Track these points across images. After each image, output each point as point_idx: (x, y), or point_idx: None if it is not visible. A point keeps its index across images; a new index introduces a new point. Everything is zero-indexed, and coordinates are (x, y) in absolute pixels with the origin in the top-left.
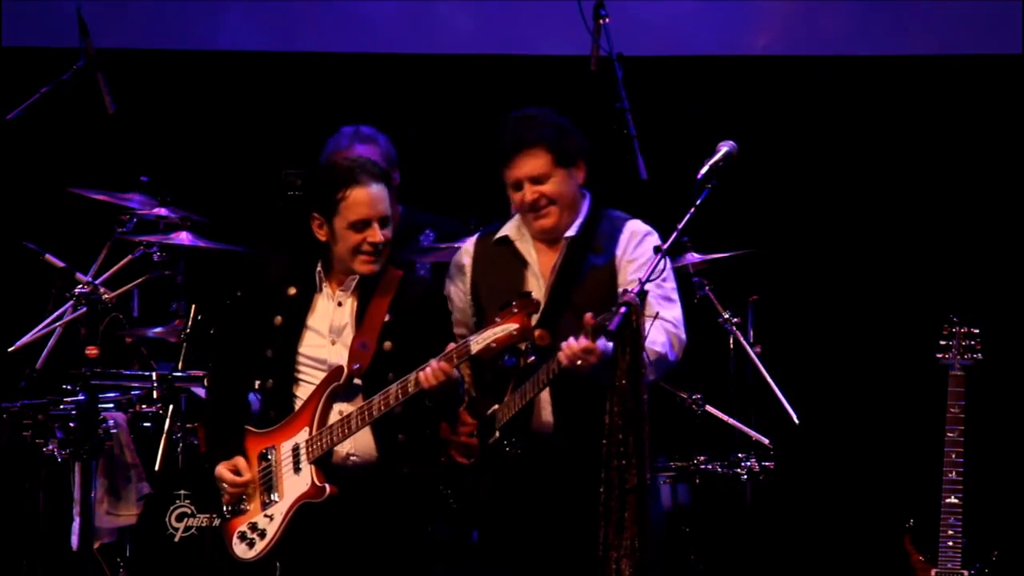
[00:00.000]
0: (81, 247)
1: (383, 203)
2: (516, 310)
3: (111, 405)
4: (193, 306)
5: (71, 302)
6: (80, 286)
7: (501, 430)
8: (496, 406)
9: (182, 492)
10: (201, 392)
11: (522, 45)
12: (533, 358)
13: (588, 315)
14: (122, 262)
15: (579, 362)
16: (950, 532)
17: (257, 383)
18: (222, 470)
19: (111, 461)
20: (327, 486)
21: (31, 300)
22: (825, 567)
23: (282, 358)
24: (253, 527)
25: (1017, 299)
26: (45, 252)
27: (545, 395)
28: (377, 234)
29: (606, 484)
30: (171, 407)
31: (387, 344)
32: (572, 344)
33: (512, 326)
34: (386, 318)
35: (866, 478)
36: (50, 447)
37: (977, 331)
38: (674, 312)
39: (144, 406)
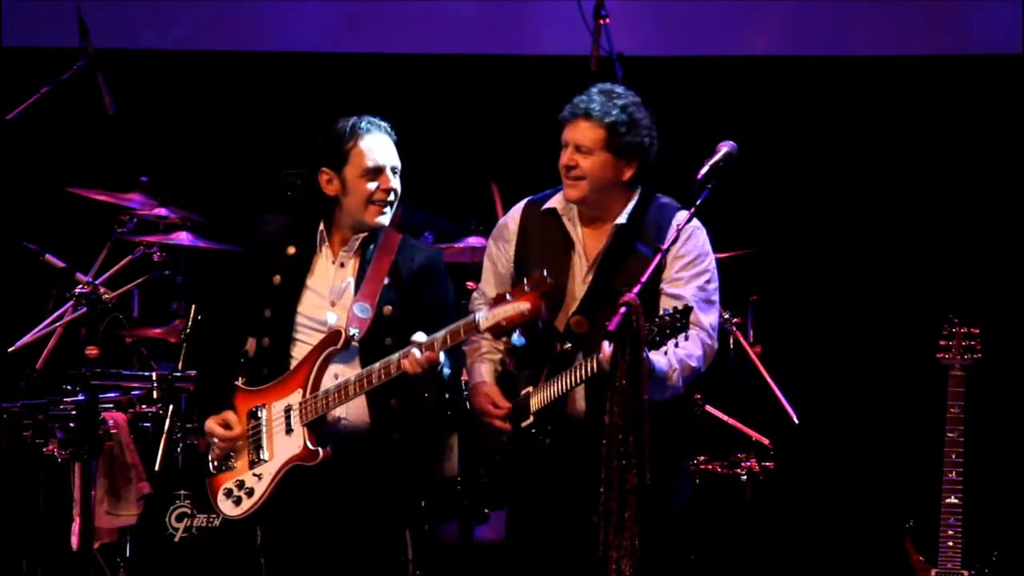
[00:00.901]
0: (81, 247)
1: (394, 152)
2: (528, 288)
3: (111, 405)
4: (193, 306)
5: (71, 302)
6: (80, 286)
7: (536, 416)
8: (529, 388)
9: (182, 492)
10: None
11: (522, 45)
12: (569, 345)
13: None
14: (122, 262)
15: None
16: (950, 532)
17: (252, 341)
18: (212, 424)
19: (111, 461)
20: (320, 450)
21: (31, 300)
22: (825, 567)
23: (280, 318)
24: (240, 485)
25: (1017, 299)
26: (45, 252)
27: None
28: (390, 180)
29: (606, 484)
30: (171, 407)
31: (387, 309)
32: (607, 349)
33: (524, 305)
34: (386, 281)
35: (866, 478)
36: (50, 447)
37: (977, 331)
38: (711, 318)
39: (144, 406)
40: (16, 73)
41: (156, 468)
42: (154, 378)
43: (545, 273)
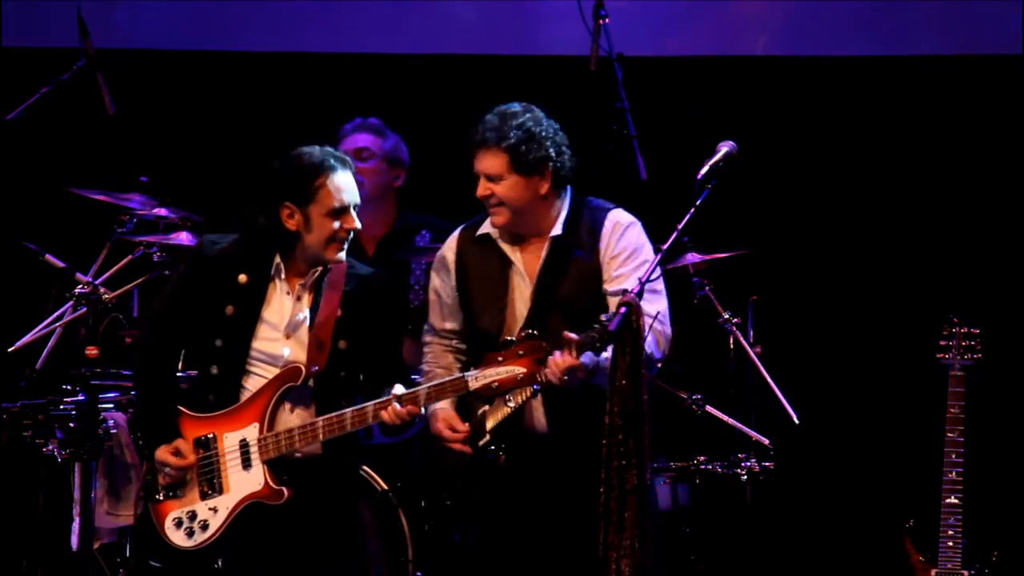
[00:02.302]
0: (81, 247)
1: (356, 190)
2: (522, 352)
3: (111, 405)
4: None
5: (71, 302)
6: (80, 286)
7: (492, 433)
8: (485, 407)
9: None
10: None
11: (522, 45)
12: None
13: (568, 333)
14: (122, 262)
15: (566, 378)
16: (950, 532)
17: (198, 368)
18: (164, 453)
19: (111, 461)
20: (284, 489)
21: (31, 300)
22: (825, 567)
23: (233, 349)
24: (192, 516)
25: (1017, 299)
26: (45, 252)
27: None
28: (354, 221)
29: (606, 484)
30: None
31: (341, 343)
32: (557, 361)
33: (519, 370)
34: (339, 314)
35: (866, 478)
36: (50, 447)
37: (977, 331)
38: (659, 305)
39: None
40: (16, 73)
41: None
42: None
43: (535, 333)
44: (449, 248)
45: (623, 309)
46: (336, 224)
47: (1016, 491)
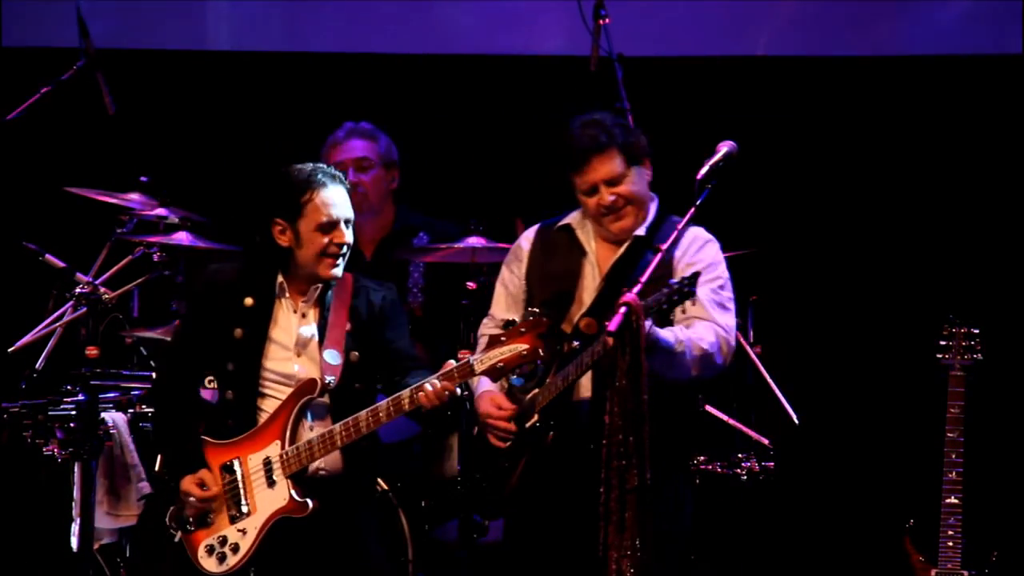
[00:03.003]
0: (81, 247)
1: (348, 205)
2: (524, 330)
3: (111, 405)
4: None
5: (71, 302)
6: (80, 286)
7: (540, 413)
8: (536, 390)
9: None
10: (203, 393)
11: (522, 45)
12: (577, 343)
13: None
14: (122, 262)
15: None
16: (950, 532)
17: (217, 395)
18: (189, 485)
19: (111, 461)
20: (309, 501)
21: (31, 300)
22: (825, 567)
23: (245, 372)
24: (223, 541)
25: (1017, 299)
26: (45, 252)
27: (586, 377)
28: (344, 235)
29: (606, 484)
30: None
31: (353, 355)
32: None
33: (522, 347)
34: (348, 327)
35: (866, 478)
36: (50, 447)
37: (977, 331)
38: (726, 319)
39: (144, 406)
40: (16, 73)
41: (156, 468)
42: (154, 378)
43: (539, 311)
44: (526, 238)
45: (623, 309)
46: (326, 239)
47: (1016, 491)
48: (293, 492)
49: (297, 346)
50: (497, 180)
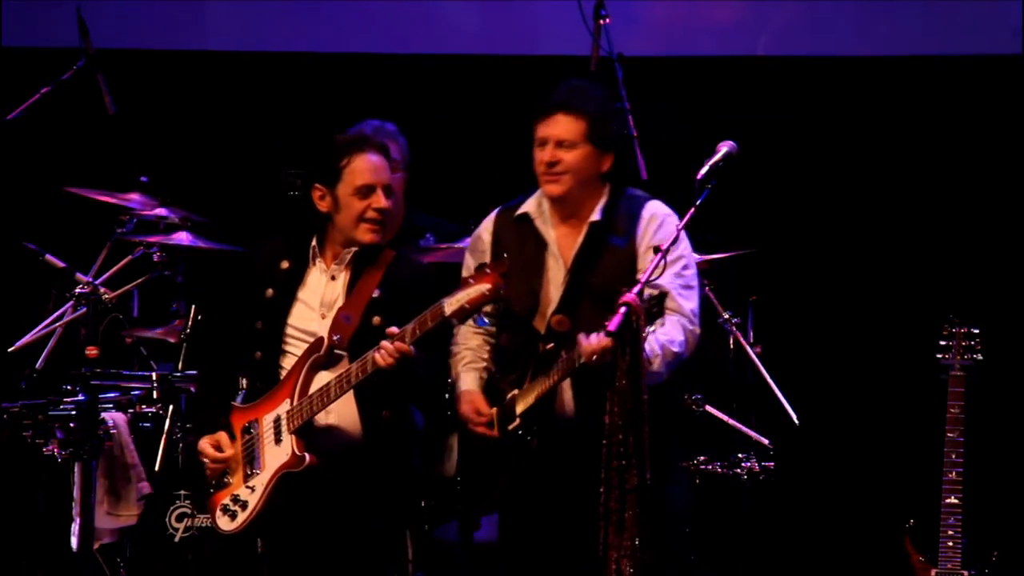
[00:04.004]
0: (81, 247)
1: (386, 172)
2: (488, 270)
3: (111, 405)
4: (193, 306)
5: (71, 302)
6: (80, 286)
7: (522, 417)
8: (515, 391)
9: (182, 492)
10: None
11: (522, 45)
12: (552, 345)
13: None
14: (122, 262)
15: (596, 360)
16: (950, 532)
17: (247, 357)
18: (204, 445)
19: (111, 461)
20: (307, 455)
21: (31, 300)
22: (825, 567)
23: (271, 330)
24: (235, 499)
25: (1017, 299)
26: (45, 252)
27: (566, 381)
28: (382, 200)
29: (606, 484)
30: (171, 407)
31: (376, 319)
32: (589, 341)
33: (484, 286)
34: (375, 293)
35: (866, 478)
36: (50, 447)
37: (977, 331)
38: (691, 303)
39: (144, 406)
40: (16, 73)
41: (156, 468)
42: (154, 378)
43: (506, 257)
44: (485, 228)
45: (623, 309)
46: (364, 204)
47: (1016, 491)
48: (295, 446)
49: (322, 307)
50: (497, 180)
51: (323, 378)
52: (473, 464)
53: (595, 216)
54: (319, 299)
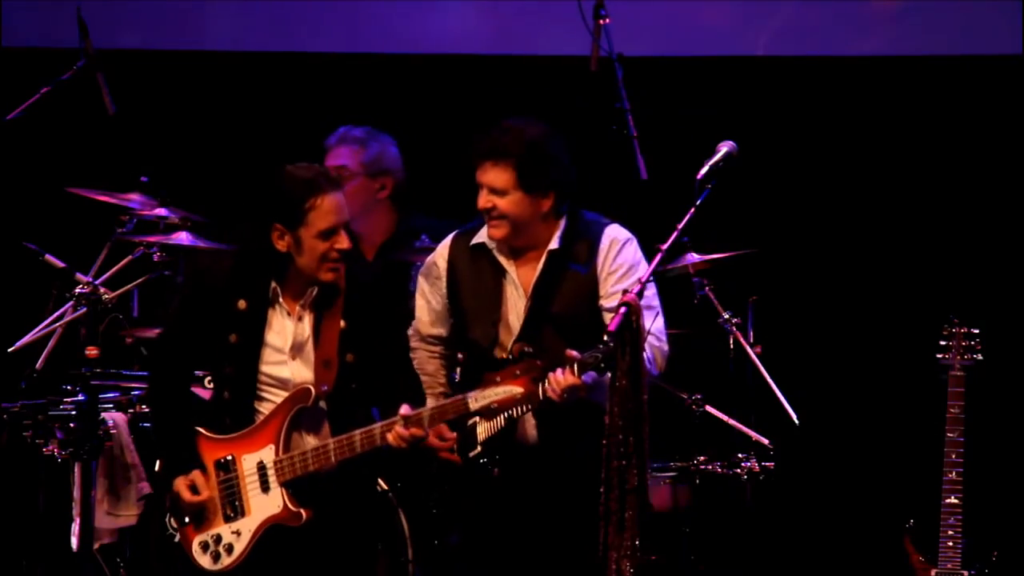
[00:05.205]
0: (81, 247)
1: (346, 209)
2: (519, 372)
3: (111, 405)
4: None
5: (71, 302)
6: (80, 286)
7: (483, 445)
8: (477, 418)
9: None
10: (202, 393)
11: (522, 45)
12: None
13: (571, 352)
14: (122, 262)
15: (566, 396)
16: (950, 532)
17: (213, 391)
18: (181, 487)
19: (111, 461)
20: (303, 511)
21: (31, 300)
22: (825, 567)
23: (243, 376)
24: (217, 540)
25: (1017, 299)
26: (45, 252)
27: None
28: (344, 241)
29: (606, 484)
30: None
31: (348, 356)
32: (559, 379)
33: (516, 390)
34: (342, 325)
35: (866, 478)
36: (50, 447)
37: (977, 331)
38: (657, 323)
39: (144, 406)
40: (16, 73)
41: (156, 468)
42: (147, 376)
43: (530, 350)
44: (440, 255)
45: (623, 309)
46: (327, 245)
47: (1016, 491)
48: (287, 501)
49: (292, 350)
50: None
51: (303, 431)
52: (434, 488)
53: (553, 244)
54: (288, 343)
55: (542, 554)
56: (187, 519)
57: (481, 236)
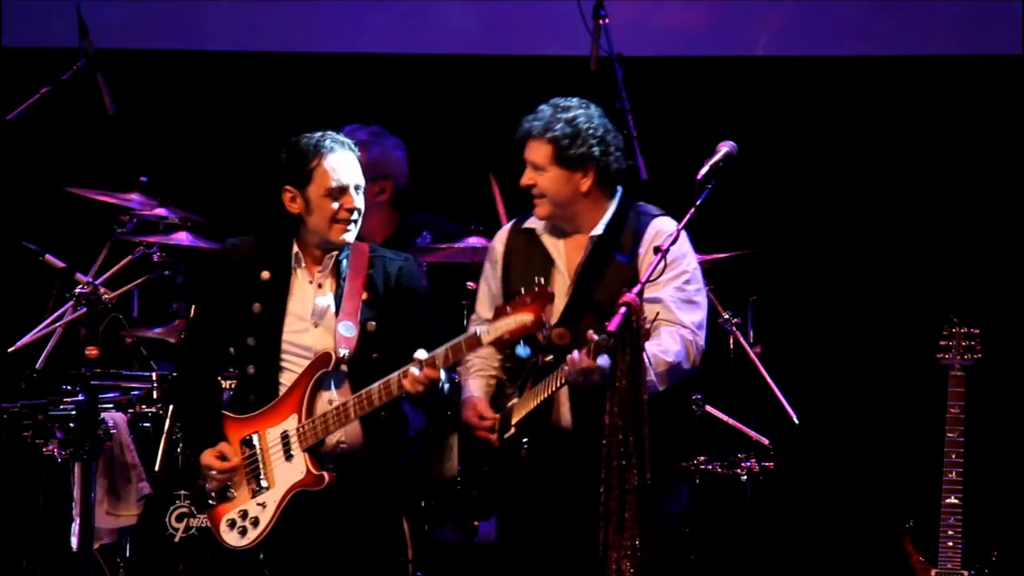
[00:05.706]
0: (81, 247)
1: (357, 170)
2: (529, 300)
3: (111, 405)
4: (193, 306)
5: (71, 302)
6: (80, 286)
7: (517, 427)
8: (514, 400)
9: (182, 492)
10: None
11: (522, 45)
12: (551, 356)
13: (591, 332)
14: (122, 262)
15: (580, 379)
16: (950, 532)
17: (235, 369)
18: (209, 457)
19: (111, 461)
20: (325, 474)
21: (31, 300)
22: (825, 567)
23: (265, 346)
24: (244, 515)
25: (1017, 299)
26: (45, 252)
27: (564, 392)
28: (353, 200)
29: (606, 484)
30: (171, 407)
31: (370, 325)
32: (574, 359)
33: (526, 317)
34: (364, 296)
35: (866, 478)
36: (50, 447)
37: (977, 331)
38: (694, 316)
39: (144, 406)
40: (16, 73)
41: (156, 468)
42: (154, 378)
43: (543, 283)
44: (499, 239)
45: (623, 309)
46: (336, 204)
47: (1016, 491)
48: (310, 465)
49: (313, 317)
50: (497, 180)
51: (326, 393)
52: (471, 468)
53: (597, 230)
54: (309, 309)
55: (562, 536)
56: (212, 500)
57: (531, 222)
